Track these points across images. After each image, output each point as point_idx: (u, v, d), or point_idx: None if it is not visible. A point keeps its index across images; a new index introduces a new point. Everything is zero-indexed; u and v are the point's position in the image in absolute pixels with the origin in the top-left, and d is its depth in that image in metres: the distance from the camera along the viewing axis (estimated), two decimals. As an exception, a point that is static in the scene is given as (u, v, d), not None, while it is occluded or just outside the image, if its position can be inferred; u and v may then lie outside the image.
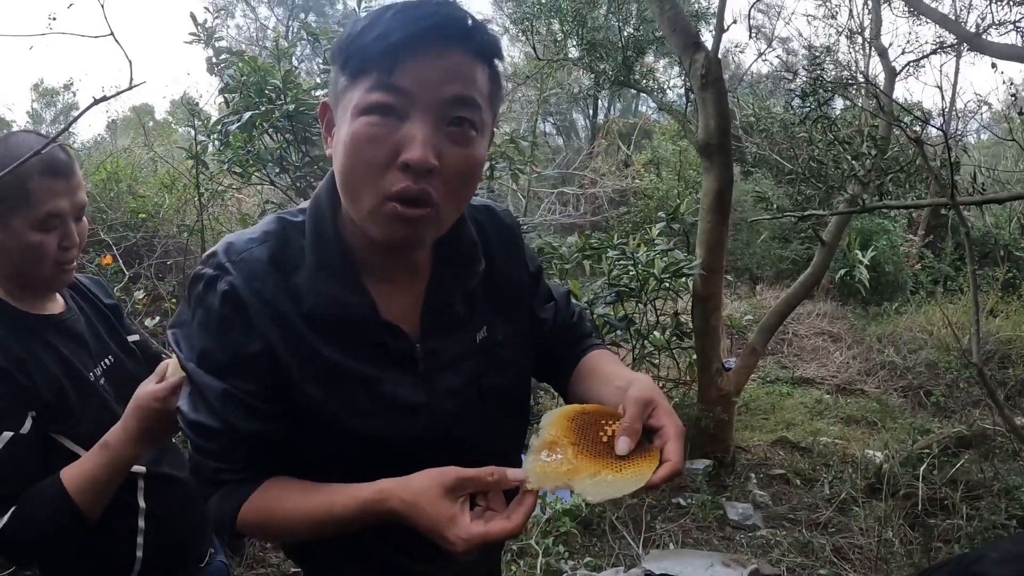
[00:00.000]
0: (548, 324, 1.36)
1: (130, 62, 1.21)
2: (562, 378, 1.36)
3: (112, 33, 1.26)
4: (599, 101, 14.99)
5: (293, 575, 3.38)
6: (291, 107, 3.15)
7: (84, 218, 1.57)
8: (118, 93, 1.12)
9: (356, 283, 1.09)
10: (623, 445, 0.98)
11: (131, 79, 1.15)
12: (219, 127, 3.46)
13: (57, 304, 1.63)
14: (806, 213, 4.21)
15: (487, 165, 3.66)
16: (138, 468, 1.56)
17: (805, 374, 7.92)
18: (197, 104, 3.88)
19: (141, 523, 1.58)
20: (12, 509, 1.38)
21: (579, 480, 0.94)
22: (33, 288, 1.57)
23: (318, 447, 1.10)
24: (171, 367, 1.44)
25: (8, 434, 1.41)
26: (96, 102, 1.14)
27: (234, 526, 1.08)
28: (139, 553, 1.58)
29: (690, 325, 4.78)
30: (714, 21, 5.32)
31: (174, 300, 3.86)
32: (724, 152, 4.66)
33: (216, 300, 1.05)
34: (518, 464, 1.29)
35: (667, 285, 4.23)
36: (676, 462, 0.97)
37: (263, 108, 3.15)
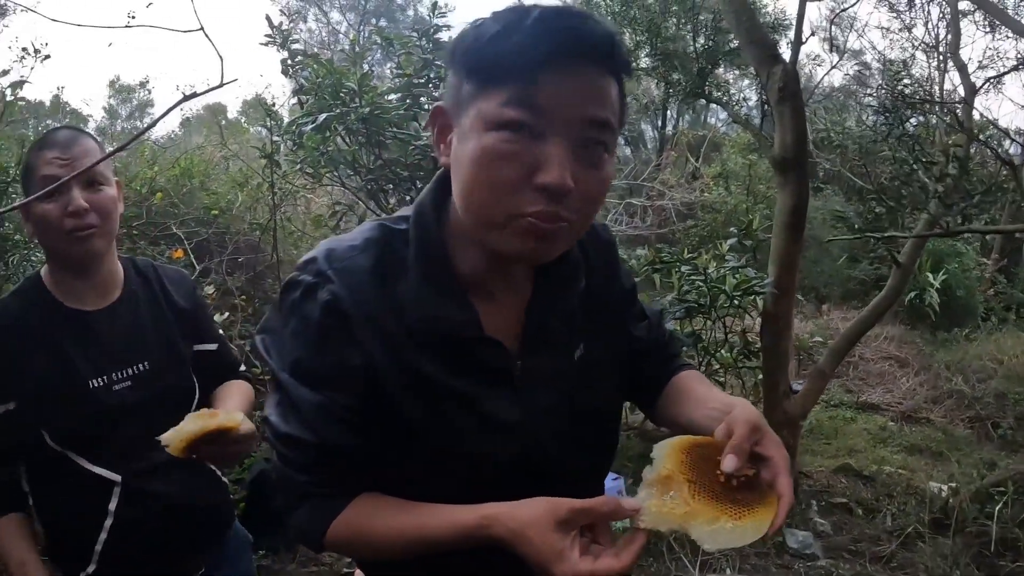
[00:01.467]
0: (641, 343, 1.31)
1: (221, 58, 1.20)
2: (651, 398, 1.31)
3: (202, 27, 1.25)
4: (668, 112, 14.84)
5: (345, 575, 3.37)
6: (366, 110, 3.15)
7: (106, 188, 1.56)
8: (209, 89, 1.10)
9: (462, 298, 1.05)
10: (730, 463, 0.94)
11: (222, 76, 1.13)
12: (293, 128, 3.48)
13: (106, 297, 1.63)
14: (888, 235, 4.04)
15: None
16: (113, 477, 1.55)
17: (870, 399, 7.67)
18: (273, 106, 3.91)
19: (107, 523, 1.56)
20: None
21: (696, 526, 0.89)
22: (71, 270, 1.58)
23: (408, 463, 1.06)
24: (167, 435, 1.41)
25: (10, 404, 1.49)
26: (187, 98, 1.12)
27: (322, 541, 1.05)
28: (98, 547, 1.57)
29: (758, 344, 4.64)
30: (789, 32, 5.19)
31: (243, 297, 3.90)
32: (801, 168, 4.51)
33: (316, 309, 1.01)
34: (602, 489, 1.26)
35: (737, 303, 4.11)
36: (789, 496, 0.94)
37: (338, 111, 3.15)
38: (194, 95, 1.04)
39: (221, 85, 1.08)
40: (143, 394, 1.59)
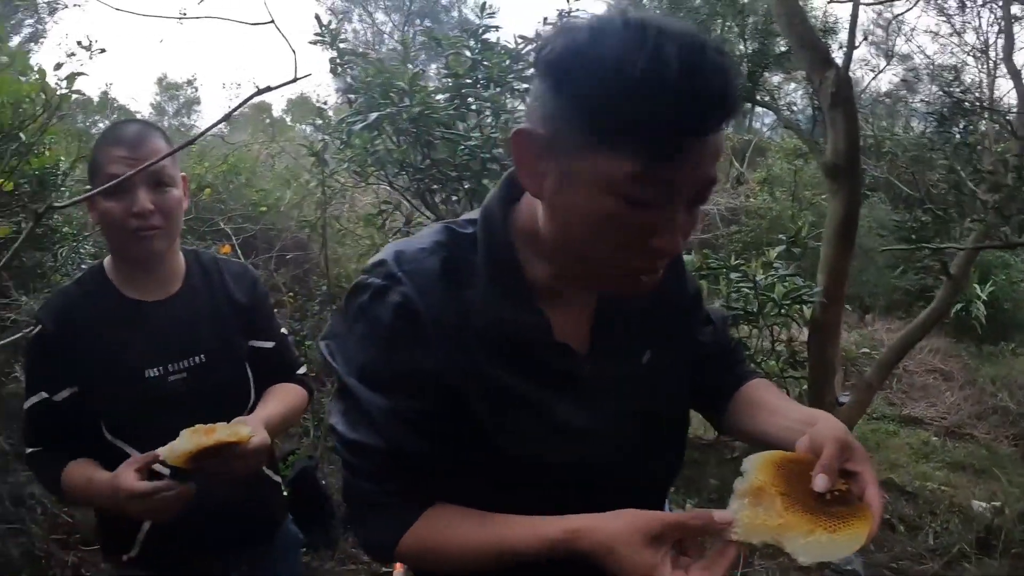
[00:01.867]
0: (707, 348, 1.28)
1: (294, 52, 1.20)
2: (718, 406, 1.28)
3: (272, 20, 1.24)
4: None
5: (384, 574, 3.36)
6: (416, 110, 3.14)
7: (172, 189, 1.56)
8: (284, 84, 1.08)
9: (530, 302, 1.02)
10: (821, 482, 0.90)
11: (295, 71, 1.12)
12: (343, 126, 3.49)
13: (166, 289, 1.64)
14: (943, 246, 3.93)
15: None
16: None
17: (913, 413, 7.52)
18: (325, 104, 3.92)
19: (146, 525, 1.58)
20: (32, 450, 1.58)
21: (790, 538, 0.87)
22: (132, 265, 1.60)
23: (476, 471, 1.04)
24: (167, 448, 1.39)
25: (43, 395, 1.53)
26: (261, 91, 1.11)
27: (393, 554, 1.03)
28: (140, 536, 1.59)
29: (804, 354, 4.56)
30: (838, 36, 5.09)
31: (291, 294, 3.93)
32: (853, 175, 4.42)
33: (386, 312, 0.99)
34: (665, 497, 1.24)
35: (785, 311, 4.03)
36: (879, 509, 0.92)
37: (388, 110, 3.14)
38: (268, 89, 1.03)
39: (295, 80, 1.07)
40: (197, 386, 1.61)
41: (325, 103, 3.82)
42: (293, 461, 3.40)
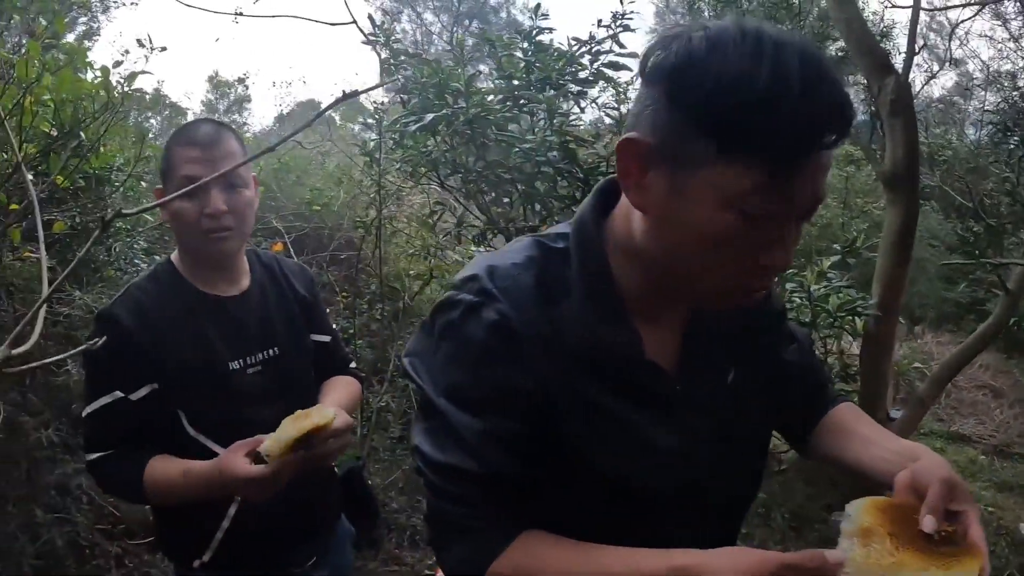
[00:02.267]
0: (792, 368, 1.24)
1: (379, 54, 1.20)
2: (803, 429, 1.25)
3: (354, 20, 1.23)
4: None
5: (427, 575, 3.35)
6: (472, 112, 3.11)
7: (245, 190, 1.57)
8: (368, 89, 1.07)
9: (625, 319, 1.00)
10: (929, 523, 0.88)
11: (381, 73, 1.13)
12: (396, 127, 3.48)
13: (238, 285, 1.66)
14: (1005, 261, 3.81)
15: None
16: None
17: (961, 430, 7.34)
18: (383, 105, 3.93)
19: (231, 511, 1.59)
20: (99, 454, 1.53)
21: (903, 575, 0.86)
22: (203, 263, 1.61)
23: (567, 494, 1.02)
24: (268, 442, 1.40)
25: (118, 394, 1.50)
26: (348, 96, 1.08)
27: None
28: (219, 535, 1.59)
29: (855, 368, 4.45)
30: (895, 41, 4.96)
31: (344, 294, 3.94)
32: (912, 185, 4.32)
33: (480, 330, 0.96)
34: (739, 523, 1.21)
35: (838, 323, 3.93)
36: (984, 549, 0.90)
37: (443, 111, 3.12)
38: (355, 93, 1.01)
39: (380, 85, 1.05)
40: (271, 378, 1.63)
41: (383, 103, 3.79)
42: (341, 461, 3.39)
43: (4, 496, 3.08)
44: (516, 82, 3.51)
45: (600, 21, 3.90)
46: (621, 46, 3.89)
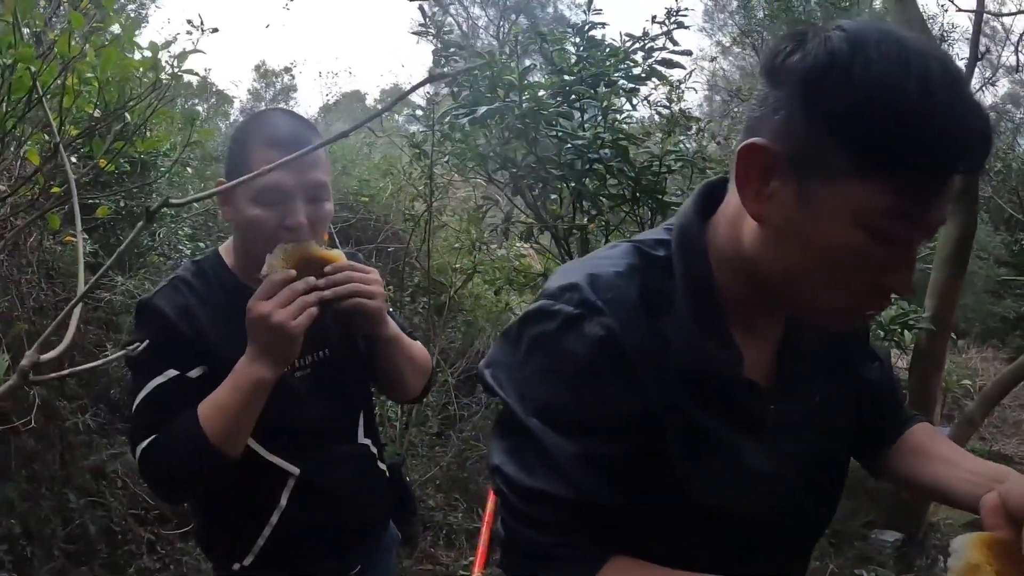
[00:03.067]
0: (872, 387, 1.17)
1: (454, 50, 1.09)
2: (878, 449, 1.19)
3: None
4: None
5: (462, 576, 3.30)
6: (525, 106, 3.04)
7: (326, 203, 1.45)
8: (455, 73, 0.99)
9: (727, 335, 0.93)
10: None
11: (433, 67, 1.03)
12: (447, 119, 3.42)
13: None
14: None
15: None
16: (291, 468, 1.47)
17: (1004, 450, 7.17)
18: (436, 95, 3.87)
19: (274, 518, 1.48)
20: (153, 436, 1.38)
21: None
22: (259, 265, 1.45)
23: (652, 516, 0.95)
24: (266, 264, 1.35)
25: (172, 372, 1.40)
26: (424, 82, 1.01)
27: None
28: (260, 542, 1.48)
29: (904, 382, 4.34)
30: (956, 46, 4.80)
31: (390, 287, 3.89)
32: (970, 196, 4.20)
33: (583, 346, 0.88)
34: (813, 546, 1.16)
35: (889, 337, 3.81)
36: None
37: (496, 104, 3.05)
38: (443, 75, 0.93)
39: (466, 71, 0.97)
40: (321, 382, 1.53)
41: (436, 95, 3.72)
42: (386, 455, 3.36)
43: (38, 479, 3.07)
44: (567, 77, 3.44)
45: (655, 17, 3.82)
46: (675, 43, 3.81)
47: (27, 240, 3.05)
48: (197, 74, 2.66)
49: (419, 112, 3.79)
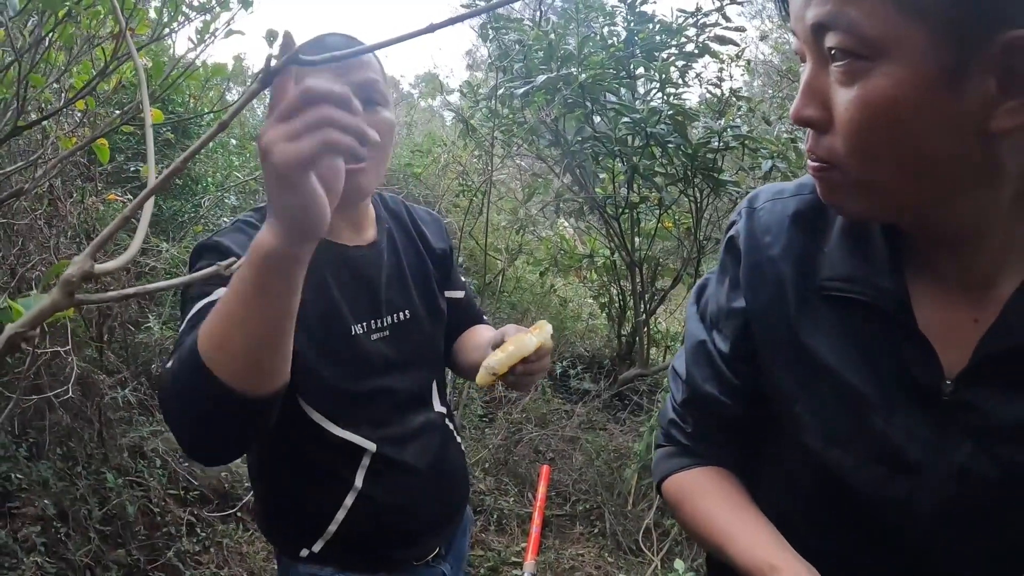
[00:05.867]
0: None
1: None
2: None
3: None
4: None
5: (513, 564, 3.19)
6: (583, 76, 2.91)
7: (384, 109, 1.23)
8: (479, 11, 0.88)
9: (893, 267, 0.80)
10: None
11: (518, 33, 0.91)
12: (497, 93, 3.31)
13: (364, 234, 1.37)
14: None
15: (769, 165, 3.29)
16: (367, 444, 1.31)
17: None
18: (476, 73, 3.78)
19: (348, 500, 1.32)
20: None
21: None
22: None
23: (770, 449, 0.97)
24: (486, 363, 1.24)
25: (222, 290, 1.07)
26: (449, 22, 0.89)
27: (660, 487, 1.06)
28: (332, 527, 1.33)
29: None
30: None
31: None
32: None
33: (722, 245, 0.99)
34: None
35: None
36: None
37: (554, 74, 2.93)
38: (463, 17, 0.80)
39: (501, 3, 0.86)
40: (400, 347, 1.36)
41: (478, 73, 3.66)
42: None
43: (74, 457, 2.98)
44: (616, 52, 3.32)
45: (709, -9, 3.69)
46: (727, 19, 3.68)
47: (66, 199, 2.91)
48: (242, 33, 2.52)
49: (463, 90, 3.70)
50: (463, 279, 1.63)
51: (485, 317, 1.69)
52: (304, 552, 1.36)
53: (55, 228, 2.73)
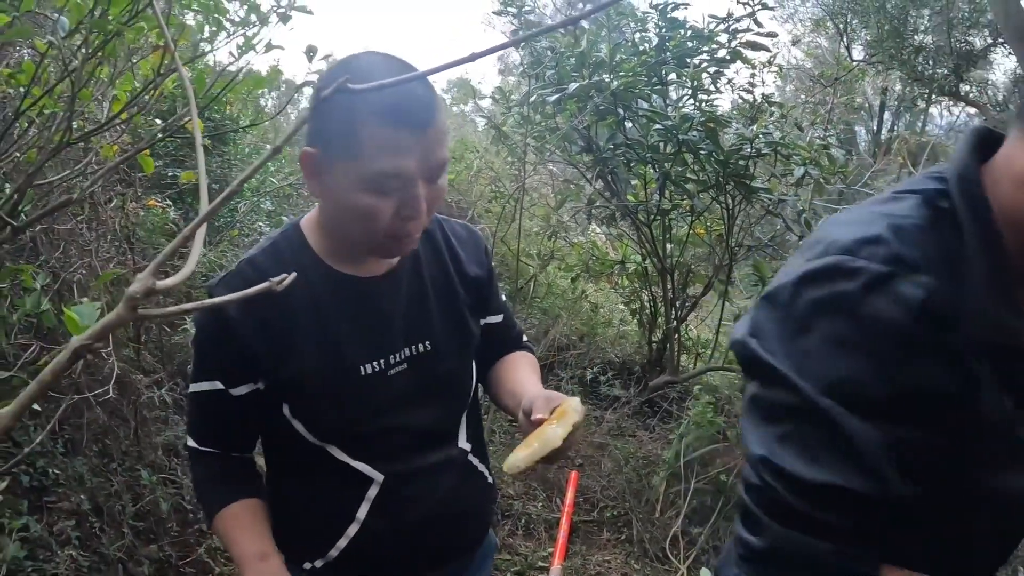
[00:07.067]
0: None
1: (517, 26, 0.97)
2: None
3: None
4: (884, 115, 13.72)
5: (540, 569, 3.20)
6: (614, 84, 2.92)
7: (442, 178, 1.16)
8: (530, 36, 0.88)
9: (1016, 300, 0.78)
10: None
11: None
12: (530, 99, 3.33)
13: (386, 262, 1.29)
14: None
15: (802, 172, 3.27)
16: (375, 475, 1.27)
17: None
18: (509, 77, 3.80)
19: (351, 530, 1.30)
20: (194, 445, 1.33)
21: None
22: (353, 252, 1.25)
23: (938, 509, 0.83)
24: (517, 458, 1.15)
25: (218, 384, 1.22)
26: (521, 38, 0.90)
27: None
28: (333, 553, 1.31)
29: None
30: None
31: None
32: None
33: (897, 310, 0.75)
34: None
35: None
36: None
37: (587, 81, 2.94)
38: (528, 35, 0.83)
39: (544, 30, 0.87)
40: (420, 380, 1.29)
41: (512, 78, 3.69)
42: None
43: (110, 454, 3.05)
44: (648, 59, 3.33)
45: (741, -1, 3.68)
46: (759, 24, 3.66)
47: (107, 204, 2.96)
48: (281, 48, 2.56)
49: (495, 97, 3.73)
50: (503, 299, 1.55)
51: (525, 337, 1.62)
52: (307, 566, 1.34)
53: (95, 232, 2.80)
